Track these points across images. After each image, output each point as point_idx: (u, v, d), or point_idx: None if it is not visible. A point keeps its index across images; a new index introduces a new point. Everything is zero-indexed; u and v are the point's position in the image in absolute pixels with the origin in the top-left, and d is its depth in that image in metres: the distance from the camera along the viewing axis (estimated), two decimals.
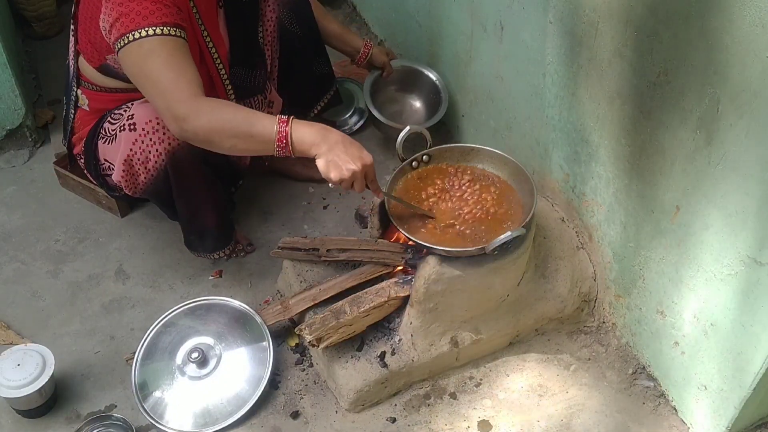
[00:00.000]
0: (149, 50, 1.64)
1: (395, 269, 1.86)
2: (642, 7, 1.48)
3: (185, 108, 1.62)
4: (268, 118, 1.66)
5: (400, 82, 2.58)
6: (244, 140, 1.64)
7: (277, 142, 1.63)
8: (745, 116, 1.33)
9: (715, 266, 1.52)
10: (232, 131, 1.63)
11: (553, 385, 1.88)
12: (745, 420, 1.66)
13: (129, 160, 1.86)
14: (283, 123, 1.63)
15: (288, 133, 1.63)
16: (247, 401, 1.81)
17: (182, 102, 1.62)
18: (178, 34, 1.68)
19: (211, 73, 1.94)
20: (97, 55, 1.87)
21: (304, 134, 1.64)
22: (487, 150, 1.91)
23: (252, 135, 1.64)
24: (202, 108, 1.63)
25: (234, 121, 1.64)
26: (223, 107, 1.67)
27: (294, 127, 1.64)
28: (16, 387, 1.74)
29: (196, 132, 1.63)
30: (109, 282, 2.16)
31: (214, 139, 1.64)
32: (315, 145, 1.65)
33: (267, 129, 1.63)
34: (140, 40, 1.64)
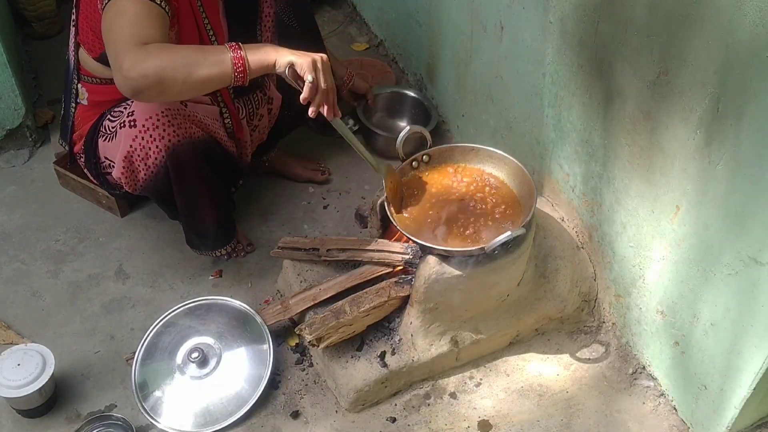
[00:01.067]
0: (120, 8, 1.62)
1: (395, 269, 1.86)
2: (642, 7, 1.48)
3: (130, 56, 1.55)
4: (218, 47, 1.64)
5: (387, 109, 2.65)
6: (198, 69, 1.58)
7: (233, 66, 1.60)
8: (745, 116, 1.33)
9: (715, 266, 1.52)
10: (184, 63, 1.57)
11: (553, 385, 1.88)
12: (745, 420, 1.66)
13: (129, 157, 1.86)
14: (235, 48, 1.61)
15: (243, 56, 1.60)
16: (247, 401, 1.81)
17: (127, 50, 1.56)
18: (158, 2, 1.65)
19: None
20: (98, 42, 1.86)
21: (257, 51, 1.62)
22: (487, 150, 1.91)
23: (206, 62, 1.59)
24: (148, 51, 1.56)
25: (184, 52, 1.60)
26: (171, 46, 1.63)
27: (247, 48, 1.62)
28: (17, 387, 1.74)
29: (145, 75, 1.55)
30: (109, 282, 2.16)
31: (166, 75, 1.56)
32: (268, 55, 1.62)
33: (221, 54, 1.60)
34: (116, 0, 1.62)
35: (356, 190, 2.43)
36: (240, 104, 2.09)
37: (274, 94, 2.23)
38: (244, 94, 2.09)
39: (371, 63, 2.90)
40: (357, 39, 3.09)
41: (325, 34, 2.46)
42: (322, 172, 2.45)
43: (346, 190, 2.43)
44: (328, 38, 2.55)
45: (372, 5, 3.06)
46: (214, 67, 1.59)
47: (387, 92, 2.64)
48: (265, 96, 2.18)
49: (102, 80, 1.96)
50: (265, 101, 2.18)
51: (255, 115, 2.14)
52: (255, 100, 2.14)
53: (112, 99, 1.97)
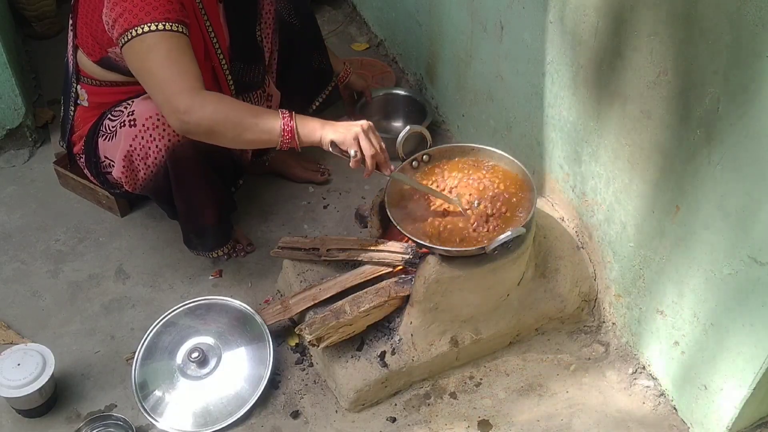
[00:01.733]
0: (151, 45, 1.66)
1: (395, 269, 1.86)
2: (642, 6, 1.48)
3: (186, 100, 1.64)
4: (271, 111, 1.70)
5: (382, 111, 2.67)
6: (248, 132, 1.67)
7: (282, 134, 1.67)
8: (745, 116, 1.33)
9: (715, 266, 1.52)
10: (236, 122, 1.66)
11: (553, 385, 1.88)
12: (745, 420, 1.66)
13: (129, 156, 1.87)
14: (286, 116, 1.68)
15: (294, 126, 1.67)
16: (247, 401, 1.81)
17: (182, 94, 1.64)
18: (180, 30, 1.70)
19: (215, 65, 1.95)
20: (98, 48, 1.87)
21: (307, 125, 1.69)
22: (488, 149, 1.91)
23: (257, 128, 1.67)
24: (204, 99, 1.65)
25: (237, 111, 1.67)
26: (225, 99, 1.71)
27: (298, 119, 1.69)
28: (17, 387, 1.74)
29: (199, 123, 1.65)
30: (109, 282, 2.16)
31: (217, 129, 1.66)
32: (317, 130, 1.69)
33: (272, 121, 1.67)
34: (142, 36, 1.66)
35: (356, 190, 2.43)
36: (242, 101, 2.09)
37: (273, 91, 2.23)
38: (245, 91, 2.10)
39: (371, 63, 2.91)
40: (357, 39, 3.09)
41: (326, 34, 2.46)
42: (321, 172, 2.45)
43: (346, 190, 2.43)
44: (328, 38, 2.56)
45: (372, 5, 3.06)
46: (263, 135, 1.68)
47: (380, 95, 2.65)
48: (264, 93, 2.18)
49: (101, 82, 1.97)
50: (265, 98, 2.19)
51: None
52: (255, 98, 2.14)
53: (112, 100, 1.97)
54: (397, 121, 2.67)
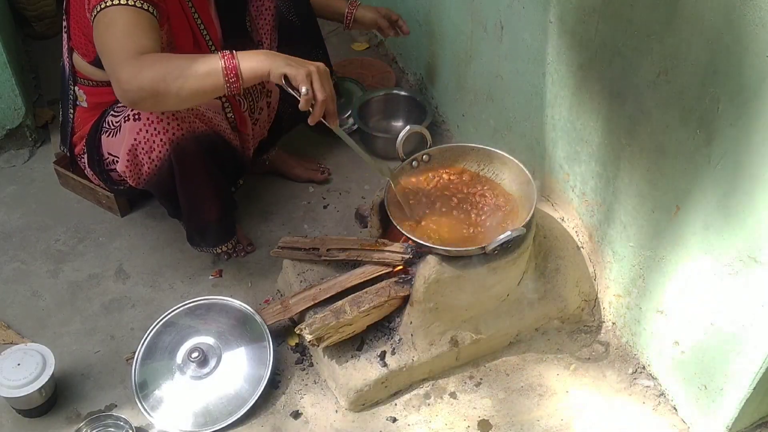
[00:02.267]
0: (111, 19, 1.64)
1: (395, 269, 1.86)
2: (642, 6, 1.48)
3: (126, 68, 1.58)
4: (210, 56, 1.63)
5: (383, 111, 2.66)
6: (191, 80, 1.59)
7: (225, 75, 1.59)
8: (745, 116, 1.33)
9: (715, 265, 1.52)
10: (175, 74, 1.58)
11: (553, 385, 1.88)
12: (745, 419, 1.66)
13: (133, 150, 1.87)
14: (228, 56, 1.60)
15: (236, 65, 1.59)
16: (247, 401, 1.81)
17: (123, 63, 1.59)
18: (146, 8, 1.66)
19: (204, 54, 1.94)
20: (91, 46, 1.87)
21: (251, 59, 1.61)
22: (488, 149, 1.91)
23: (198, 73, 1.59)
24: (141, 62, 1.59)
25: (175, 63, 1.60)
26: (162, 56, 1.63)
27: (240, 56, 1.61)
28: (17, 386, 1.74)
29: (141, 87, 1.58)
30: (109, 281, 2.16)
31: (159, 88, 1.58)
32: (263, 64, 1.61)
33: (212, 64, 1.59)
34: (106, 10, 1.64)
35: (356, 189, 2.43)
36: (241, 97, 2.09)
37: (272, 86, 2.23)
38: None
39: (371, 63, 2.91)
40: (357, 39, 3.09)
41: (326, 34, 2.45)
42: (322, 171, 2.45)
43: (346, 190, 2.44)
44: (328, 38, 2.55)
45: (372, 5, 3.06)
46: (206, 78, 1.60)
47: (380, 95, 2.65)
48: (263, 89, 2.18)
49: (98, 82, 1.97)
50: (264, 94, 2.19)
51: (255, 108, 2.15)
52: (255, 93, 2.14)
53: (110, 99, 1.97)
54: (397, 121, 2.67)
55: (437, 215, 1.84)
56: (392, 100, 2.66)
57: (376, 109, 2.65)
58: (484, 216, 1.83)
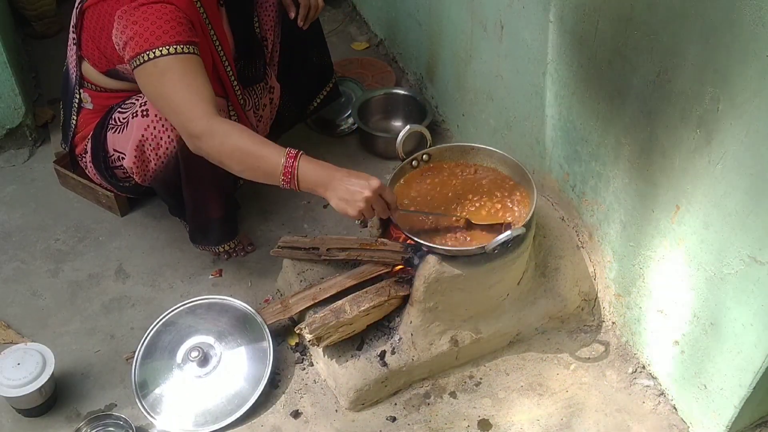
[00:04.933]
0: (164, 69, 1.68)
1: (395, 268, 1.86)
2: (642, 6, 1.48)
3: (200, 127, 1.65)
4: (277, 150, 1.64)
5: (383, 110, 2.66)
6: (252, 170, 1.67)
7: (282, 177, 1.63)
8: (745, 115, 1.33)
9: (715, 265, 1.52)
10: (242, 159, 1.66)
11: (553, 384, 1.88)
12: (745, 419, 1.66)
13: (141, 146, 1.87)
14: (291, 158, 1.62)
15: (294, 170, 1.62)
16: (247, 400, 1.81)
17: (196, 120, 1.65)
18: (192, 51, 1.71)
19: (220, 73, 1.97)
20: (106, 62, 1.89)
21: (310, 173, 1.63)
22: (488, 149, 1.91)
23: (260, 167, 1.65)
24: (215, 129, 1.65)
25: (244, 149, 1.65)
26: (236, 132, 1.67)
27: (301, 164, 1.63)
28: (17, 386, 1.74)
29: (209, 153, 1.67)
30: (109, 281, 2.16)
31: (224, 162, 1.67)
32: (320, 185, 1.63)
33: (274, 162, 1.63)
34: (155, 60, 1.67)
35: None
36: (246, 95, 2.10)
37: (274, 83, 2.24)
38: (248, 86, 2.12)
39: (371, 62, 2.91)
40: (357, 38, 3.09)
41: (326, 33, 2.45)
42: None
43: None
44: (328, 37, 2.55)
45: (372, 4, 3.06)
46: (265, 174, 1.66)
47: (380, 94, 2.65)
48: (266, 85, 2.19)
49: (106, 89, 1.99)
50: (267, 90, 2.19)
51: (259, 104, 2.15)
52: (258, 90, 2.15)
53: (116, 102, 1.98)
54: (397, 120, 2.67)
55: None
56: (392, 100, 2.66)
57: (376, 108, 2.65)
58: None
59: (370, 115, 2.64)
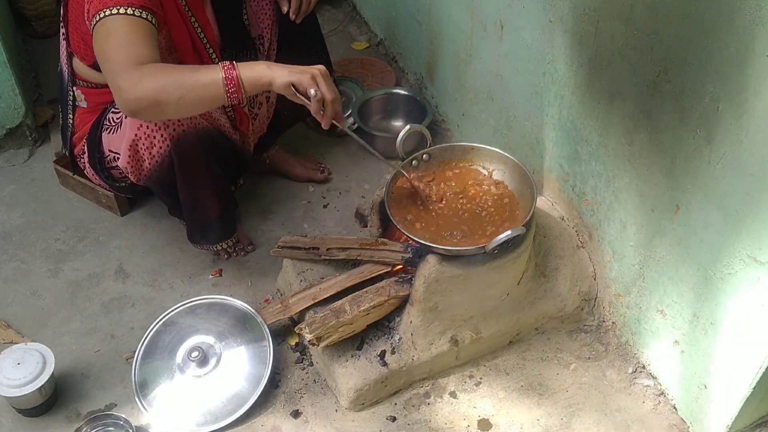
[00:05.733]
0: (110, 28, 1.65)
1: (395, 268, 1.86)
2: (642, 5, 1.48)
3: (125, 78, 1.60)
4: (210, 67, 1.64)
5: (383, 110, 2.66)
6: (191, 91, 1.61)
7: (226, 86, 1.60)
8: (745, 115, 1.33)
9: (715, 265, 1.52)
10: (176, 84, 1.60)
11: (553, 384, 1.88)
12: (745, 419, 1.66)
13: (134, 146, 1.87)
14: (228, 67, 1.61)
15: (236, 75, 1.60)
16: (247, 400, 1.81)
17: (123, 73, 1.60)
18: (144, 16, 1.67)
19: (203, 57, 1.95)
20: (90, 52, 1.88)
21: (251, 70, 1.62)
22: (487, 149, 1.91)
23: (198, 84, 1.61)
24: (141, 72, 1.60)
25: (175, 74, 1.62)
26: (162, 66, 1.64)
27: (240, 66, 1.62)
28: (17, 386, 1.74)
29: (140, 98, 1.59)
30: (109, 281, 2.16)
31: (160, 98, 1.60)
32: (264, 74, 1.62)
33: (213, 75, 1.60)
34: (104, 19, 1.65)
35: (356, 189, 2.43)
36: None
37: None
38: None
39: (371, 62, 2.91)
40: (357, 38, 3.09)
41: (326, 33, 2.45)
42: (321, 171, 2.45)
43: (345, 189, 2.43)
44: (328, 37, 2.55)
45: (372, 4, 3.06)
46: (205, 89, 1.61)
47: (380, 94, 2.65)
48: None
49: (98, 85, 1.98)
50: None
51: (255, 103, 2.15)
52: None
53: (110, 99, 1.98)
54: (397, 120, 2.67)
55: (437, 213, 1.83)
56: (392, 100, 2.66)
57: (376, 108, 2.65)
58: (485, 215, 1.83)
59: (370, 115, 2.63)
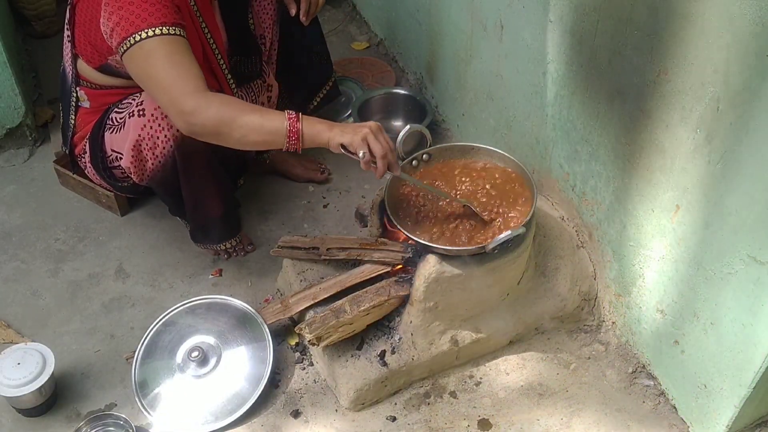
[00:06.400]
0: (150, 51, 1.67)
1: (395, 268, 1.86)
2: (642, 5, 1.48)
3: (191, 102, 1.64)
4: (276, 112, 1.69)
5: (383, 110, 2.66)
6: (254, 133, 1.67)
7: (288, 137, 1.66)
8: (744, 115, 1.33)
9: (715, 265, 1.53)
10: (243, 123, 1.65)
11: (553, 384, 1.88)
12: (745, 419, 1.66)
13: (138, 146, 1.87)
14: (293, 118, 1.66)
15: (300, 128, 1.66)
16: (247, 400, 1.82)
17: (187, 96, 1.65)
18: (178, 32, 1.70)
19: (212, 65, 1.96)
20: (98, 56, 1.89)
21: (312, 127, 1.68)
22: (487, 148, 1.91)
23: (264, 129, 1.66)
24: (209, 100, 1.65)
25: (246, 114, 1.67)
26: (231, 100, 1.71)
27: (305, 120, 1.68)
28: (17, 386, 1.74)
29: (204, 124, 1.65)
30: (109, 281, 2.16)
31: (222, 130, 1.66)
32: (323, 132, 1.68)
33: (277, 122, 1.66)
34: (141, 43, 1.67)
35: (356, 189, 2.44)
36: (242, 93, 2.10)
37: (272, 81, 2.24)
38: (244, 83, 2.11)
39: (371, 62, 2.91)
40: (357, 38, 3.09)
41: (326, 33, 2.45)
42: (321, 171, 2.45)
43: (346, 190, 2.44)
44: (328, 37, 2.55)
45: (372, 4, 3.06)
46: (269, 135, 1.67)
47: (380, 94, 2.65)
48: (264, 83, 2.19)
49: (102, 86, 1.98)
50: (265, 89, 2.19)
51: (257, 103, 2.15)
52: (255, 88, 2.15)
53: (112, 100, 1.98)
54: (397, 120, 2.67)
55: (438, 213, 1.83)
56: (392, 100, 2.66)
57: (376, 108, 2.65)
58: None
59: (370, 114, 2.63)
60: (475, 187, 1.86)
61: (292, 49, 2.26)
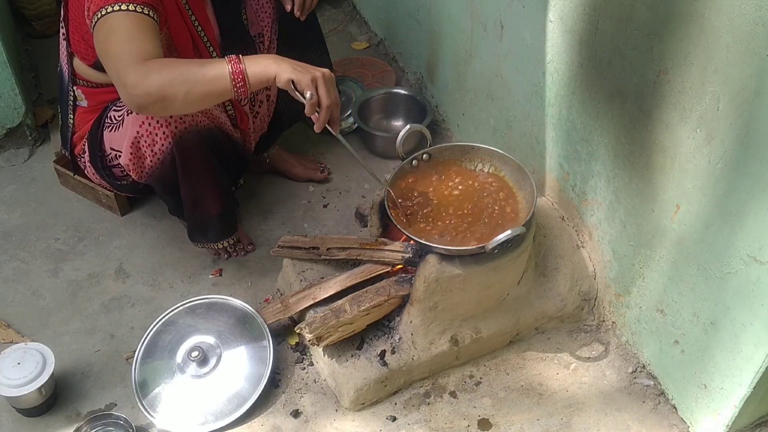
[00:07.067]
0: (113, 25, 1.64)
1: (395, 268, 1.86)
2: (642, 5, 1.48)
3: (132, 73, 1.59)
4: (217, 60, 1.63)
5: (383, 110, 2.66)
6: (198, 85, 1.60)
7: (232, 79, 1.59)
8: (745, 115, 1.33)
9: (715, 265, 1.53)
10: (182, 79, 1.59)
11: (553, 384, 1.88)
12: (745, 418, 1.66)
13: (136, 143, 1.87)
14: (235, 61, 1.60)
15: (243, 69, 1.60)
16: (247, 400, 1.82)
17: (129, 68, 1.59)
18: (146, 12, 1.67)
19: (203, 57, 1.95)
20: (91, 51, 1.88)
21: (258, 63, 1.61)
22: (487, 148, 1.91)
23: (205, 78, 1.60)
24: (148, 67, 1.59)
25: (182, 68, 1.61)
26: (169, 61, 1.64)
27: (247, 60, 1.61)
28: (17, 386, 1.74)
29: (148, 93, 1.58)
30: (109, 281, 2.16)
31: (167, 93, 1.59)
32: (269, 68, 1.61)
33: (220, 69, 1.60)
34: (106, 16, 1.64)
35: (356, 189, 2.44)
36: None
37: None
38: None
39: (371, 62, 2.91)
40: (357, 38, 3.09)
41: (326, 33, 2.45)
42: (321, 171, 2.45)
43: (346, 189, 2.44)
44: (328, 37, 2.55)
45: (372, 4, 3.06)
46: (213, 83, 1.60)
47: (381, 94, 2.65)
48: None
49: (98, 84, 1.98)
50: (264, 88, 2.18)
51: (255, 100, 2.15)
52: None
53: (110, 99, 1.98)
54: (397, 120, 2.67)
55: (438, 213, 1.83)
56: (392, 99, 2.66)
57: (376, 108, 2.65)
58: (484, 215, 1.83)
59: (370, 114, 2.64)
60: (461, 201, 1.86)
61: (292, 49, 2.26)
